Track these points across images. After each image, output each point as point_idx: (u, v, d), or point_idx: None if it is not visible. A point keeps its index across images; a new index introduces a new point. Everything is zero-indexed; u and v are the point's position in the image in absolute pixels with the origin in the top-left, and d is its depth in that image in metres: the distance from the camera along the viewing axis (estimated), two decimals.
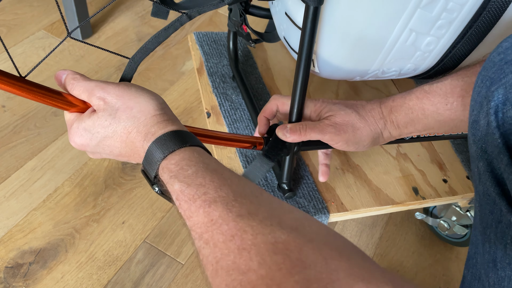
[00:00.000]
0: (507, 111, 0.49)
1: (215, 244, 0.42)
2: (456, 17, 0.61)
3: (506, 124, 0.49)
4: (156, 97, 0.58)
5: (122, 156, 0.58)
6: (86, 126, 0.56)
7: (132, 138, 0.55)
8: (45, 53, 1.39)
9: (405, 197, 0.85)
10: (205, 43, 1.07)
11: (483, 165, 0.52)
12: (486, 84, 0.52)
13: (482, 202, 0.53)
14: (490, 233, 0.52)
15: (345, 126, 0.69)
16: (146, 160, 0.53)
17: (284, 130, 0.70)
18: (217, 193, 0.45)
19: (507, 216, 0.49)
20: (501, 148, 0.49)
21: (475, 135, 0.53)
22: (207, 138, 0.68)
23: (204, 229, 0.43)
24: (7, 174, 1.10)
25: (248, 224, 0.42)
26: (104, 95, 0.55)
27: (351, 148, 0.71)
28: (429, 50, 0.66)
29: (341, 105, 0.71)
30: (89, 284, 0.96)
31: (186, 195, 0.46)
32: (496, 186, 0.51)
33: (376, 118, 0.70)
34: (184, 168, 0.49)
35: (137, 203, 1.09)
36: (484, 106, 0.52)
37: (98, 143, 0.57)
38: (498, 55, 0.52)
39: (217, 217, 0.43)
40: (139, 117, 0.55)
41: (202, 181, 0.47)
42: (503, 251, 0.51)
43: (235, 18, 0.84)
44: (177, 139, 0.52)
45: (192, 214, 0.45)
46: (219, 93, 0.97)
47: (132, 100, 0.56)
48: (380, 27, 0.61)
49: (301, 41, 0.63)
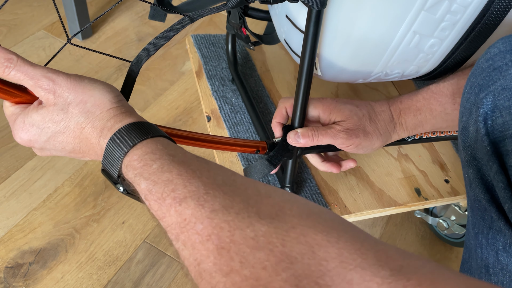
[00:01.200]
0: (496, 118, 0.49)
1: (193, 246, 0.39)
2: (459, 19, 0.61)
3: (496, 132, 0.49)
4: (112, 89, 0.53)
5: (76, 152, 0.53)
6: (34, 121, 0.51)
7: (87, 134, 0.51)
8: (45, 53, 1.38)
9: (408, 198, 0.85)
10: (203, 45, 1.07)
11: (473, 172, 0.52)
12: (475, 90, 0.52)
13: (473, 208, 0.53)
14: (482, 238, 0.52)
15: (356, 131, 0.68)
16: (105, 159, 0.49)
17: (295, 136, 0.69)
18: (186, 188, 0.42)
19: (498, 223, 0.49)
20: (490, 155, 0.49)
21: (465, 142, 0.53)
22: (209, 144, 0.67)
23: (179, 230, 0.40)
24: (7, 174, 1.10)
25: (224, 220, 0.39)
26: (54, 88, 0.50)
27: (360, 151, 0.70)
28: (432, 52, 0.66)
29: (352, 107, 0.69)
30: (89, 284, 0.96)
31: (155, 194, 0.43)
32: (486, 193, 0.51)
33: (386, 122, 0.69)
34: (148, 163, 0.45)
35: (137, 203, 1.09)
36: (473, 113, 0.52)
37: (48, 139, 0.52)
38: (486, 61, 0.52)
39: (190, 216, 0.40)
40: (94, 111, 0.51)
41: (169, 176, 0.43)
42: (495, 257, 0.51)
43: (234, 20, 0.84)
44: (136, 131, 0.48)
45: (164, 215, 0.42)
46: (218, 96, 0.96)
47: (85, 93, 0.51)
48: (384, 30, 0.61)
49: (304, 45, 0.62)
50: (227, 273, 0.36)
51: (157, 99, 1.31)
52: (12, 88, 0.52)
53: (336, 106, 0.69)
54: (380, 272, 0.32)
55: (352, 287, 0.32)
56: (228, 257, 0.36)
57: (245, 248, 0.36)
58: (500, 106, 0.49)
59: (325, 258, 0.34)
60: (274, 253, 0.35)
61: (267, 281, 0.34)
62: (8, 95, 0.52)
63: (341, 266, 0.33)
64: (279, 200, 0.41)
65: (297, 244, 0.36)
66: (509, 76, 0.50)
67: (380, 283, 0.32)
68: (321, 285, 0.33)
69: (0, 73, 0.50)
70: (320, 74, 0.72)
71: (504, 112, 0.49)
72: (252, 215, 0.39)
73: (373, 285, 0.32)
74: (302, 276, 0.34)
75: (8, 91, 0.52)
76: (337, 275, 0.33)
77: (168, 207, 0.42)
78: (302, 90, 0.67)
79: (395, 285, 0.31)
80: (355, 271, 0.33)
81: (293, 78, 1.02)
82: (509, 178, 0.48)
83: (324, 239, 0.36)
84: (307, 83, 0.66)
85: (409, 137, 0.77)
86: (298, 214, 0.39)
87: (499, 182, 0.48)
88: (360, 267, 0.33)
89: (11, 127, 0.54)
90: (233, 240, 0.37)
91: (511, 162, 0.48)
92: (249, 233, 0.37)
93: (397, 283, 0.31)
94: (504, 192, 0.47)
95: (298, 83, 0.67)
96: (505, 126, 0.48)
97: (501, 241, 0.50)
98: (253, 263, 0.35)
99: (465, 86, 0.55)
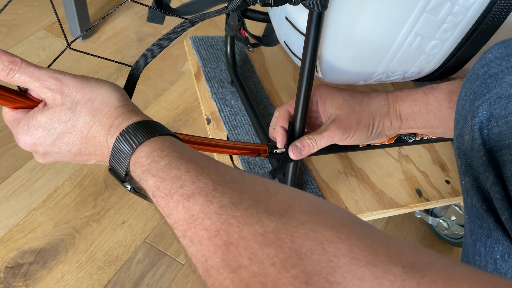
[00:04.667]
0: (492, 128, 0.48)
1: (201, 242, 0.38)
2: (461, 20, 0.61)
3: (492, 141, 0.48)
4: (119, 88, 0.53)
5: (82, 154, 0.52)
6: (40, 123, 0.50)
7: (94, 133, 0.50)
8: (45, 53, 1.38)
9: (409, 200, 0.85)
10: (201, 47, 1.06)
11: (469, 181, 0.51)
12: (470, 98, 0.52)
13: (471, 215, 0.53)
14: (480, 246, 0.52)
15: (349, 122, 0.69)
16: (113, 157, 0.48)
17: (297, 151, 0.69)
18: (194, 185, 0.41)
19: (496, 232, 0.49)
20: (486, 165, 0.49)
21: (460, 149, 0.53)
22: (210, 147, 0.67)
23: (187, 226, 0.40)
24: (7, 174, 1.10)
25: (232, 216, 0.38)
26: (62, 88, 0.50)
27: (356, 141, 0.71)
28: (433, 54, 0.66)
29: (346, 95, 0.70)
30: (89, 284, 0.96)
31: (162, 191, 0.43)
32: (483, 202, 0.50)
33: (380, 104, 0.70)
34: (156, 160, 0.45)
35: (137, 203, 1.09)
36: (469, 121, 0.51)
37: (53, 141, 0.51)
38: (481, 67, 0.52)
39: (198, 212, 0.39)
40: (102, 109, 0.50)
41: (177, 173, 0.43)
42: (493, 266, 0.50)
43: (233, 22, 0.83)
44: (144, 129, 0.48)
45: (171, 211, 0.42)
46: (218, 98, 0.96)
47: (93, 91, 0.51)
48: (386, 32, 0.61)
49: (305, 47, 0.62)
50: (235, 269, 0.36)
51: (157, 99, 1.31)
52: (13, 94, 0.51)
53: (332, 93, 0.70)
54: (392, 269, 0.32)
55: (364, 284, 0.31)
56: (237, 253, 0.36)
57: (254, 244, 0.36)
58: (496, 115, 0.48)
59: (335, 254, 0.33)
60: (283, 249, 0.35)
61: (276, 278, 0.33)
62: (8, 101, 0.51)
63: (351, 262, 0.33)
64: (288, 197, 0.41)
65: (306, 240, 0.35)
66: (505, 84, 0.49)
67: (393, 280, 0.31)
68: (332, 281, 0.32)
69: (4, 76, 0.49)
70: (321, 76, 0.72)
71: (500, 121, 0.48)
72: (261, 211, 0.38)
73: (385, 283, 0.31)
74: (311, 272, 0.33)
75: (8, 97, 0.51)
76: (348, 272, 0.32)
77: (175, 203, 0.41)
78: (303, 93, 0.66)
79: (408, 283, 0.31)
80: (366, 268, 0.32)
81: (293, 79, 1.02)
82: (506, 189, 0.47)
83: (334, 235, 0.35)
84: (308, 85, 0.66)
85: (410, 138, 0.77)
86: (307, 211, 0.38)
87: (496, 193, 0.47)
88: (372, 264, 0.32)
89: (14, 132, 0.53)
90: (241, 235, 0.37)
91: (508, 172, 0.47)
92: (258, 229, 0.37)
93: (410, 280, 0.31)
94: (501, 203, 0.47)
95: (299, 86, 0.66)
96: (502, 136, 0.48)
97: (499, 250, 0.49)
98: (262, 259, 0.35)
99: (460, 92, 0.54)
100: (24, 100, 0.52)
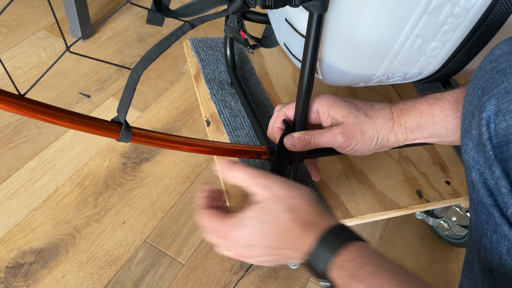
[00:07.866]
0: (499, 122, 0.48)
1: None
2: (462, 21, 0.61)
3: (499, 136, 0.48)
4: (311, 191, 0.60)
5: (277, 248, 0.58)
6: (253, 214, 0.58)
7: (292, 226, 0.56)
8: (45, 53, 1.38)
9: (410, 201, 0.85)
10: (201, 49, 1.06)
11: (476, 176, 0.52)
12: (478, 93, 0.52)
13: (476, 211, 0.53)
14: (485, 242, 0.52)
15: (354, 131, 0.68)
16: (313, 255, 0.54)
17: (292, 141, 0.69)
18: None
19: (502, 227, 0.49)
20: (492, 160, 0.49)
21: (467, 145, 0.53)
22: (210, 150, 0.67)
23: None
24: (8, 174, 1.10)
25: None
26: (269, 184, 0.58)
27: (357, 153, 0.71)
28: (434, 55, 0.65)
29: (351, 106, 0.70)
30: (90, 284, 0.96)
31: None
32: (489, 197, 0.50)
33: (385, 119, 0.69)
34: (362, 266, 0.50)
35: (137, 203, 1.09)
36: (476, 116, 0.51)
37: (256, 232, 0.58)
38: (489, 63, 0.52)
39: None
40: (299, 206, 0.57)
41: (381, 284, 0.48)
42: (499, 261, 0.51)
43: (232, 24, 0.83)
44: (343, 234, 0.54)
45: None
46: (217, 100, 0.96)
47: (292, 190, 0.58)
48: (386, 33, 0.61)
49: (305, 49, 0.62)
50: None
51: (158, 99, 1.31)
52: None
53: (336, 102, 0.70)
54: None
55: None
56: None
57: None
58: (503, 110, 0.48)
59: None
60: None
61: None
62: None
63: None
64: None
65: None
66: None
67: None
68: None
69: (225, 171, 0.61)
70: (321, 78, 0.72)
71: (508, 116, 0.48)
72: None
73: None
74: None
75: None
76: None
77: None
78: (303, 95, 0.66)
79: None
80: None
81: (292, 81, 1.02)
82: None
83: None
84: (308, 87, 0.65)
85: None
86: None
87: (502, 187, 0.47)
88: None
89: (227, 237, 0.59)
90: None
91: None
92: None
93: None
94: (507, 198, 0.47)
95: (299, 88, 0.66)
96: (509, 130, 0.48)
97: (505, 245, 0.49)
98: None
99: (467, 88, 0.55)
100: None
